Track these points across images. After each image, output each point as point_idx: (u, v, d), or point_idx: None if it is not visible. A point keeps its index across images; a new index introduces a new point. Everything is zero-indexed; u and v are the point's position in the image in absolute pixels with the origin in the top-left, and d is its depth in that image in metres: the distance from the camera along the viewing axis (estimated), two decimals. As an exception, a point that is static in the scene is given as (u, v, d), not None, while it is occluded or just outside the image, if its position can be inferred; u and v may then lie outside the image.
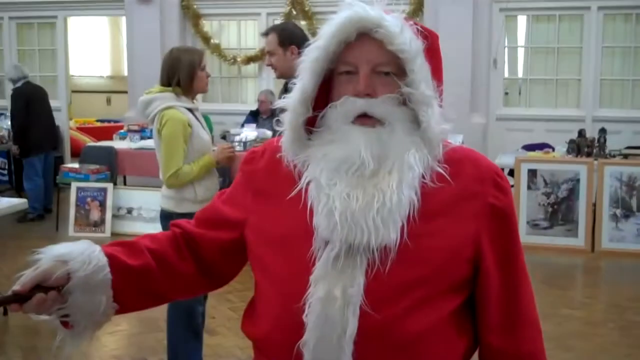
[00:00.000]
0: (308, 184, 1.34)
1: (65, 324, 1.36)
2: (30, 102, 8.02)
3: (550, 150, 7.32)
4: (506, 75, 9.02)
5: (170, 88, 3.53)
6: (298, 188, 1.35)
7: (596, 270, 6.36)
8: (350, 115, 1.34)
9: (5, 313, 4.83)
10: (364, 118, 1.34)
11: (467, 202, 1.34)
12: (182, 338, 3.58)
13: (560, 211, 6.76)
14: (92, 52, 15.37)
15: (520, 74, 9.14)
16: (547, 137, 8.04)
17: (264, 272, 1.39)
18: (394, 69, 1.34)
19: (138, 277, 1.42)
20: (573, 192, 6.72)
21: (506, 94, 9.09)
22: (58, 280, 1.31)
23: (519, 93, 9.16)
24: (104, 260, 1.36)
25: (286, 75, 3.78)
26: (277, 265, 1.36)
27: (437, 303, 1.30)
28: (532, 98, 8.94)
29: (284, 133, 1.41)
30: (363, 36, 1.34)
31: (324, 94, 1.40)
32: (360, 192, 1.28)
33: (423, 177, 1.31)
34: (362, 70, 1.34)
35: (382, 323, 1.25)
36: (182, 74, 3.52)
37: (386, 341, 1.26)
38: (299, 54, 1.43)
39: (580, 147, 6.98)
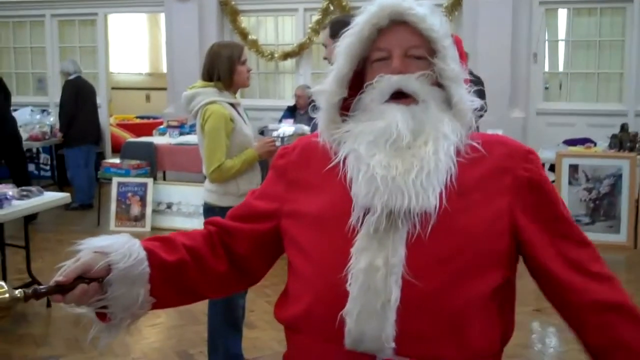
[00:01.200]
0: (345, 158, 1.38)
1: (102, 317, 1.38)
2: (80, 95, 8.34)
3: (592, 145, 7.22)
4: (546, 69, 8.92)
5: (212, 83, 3.55)
6: (336, 160, 1.39)
7: (639, 267, 6.26)
8: (385, 92, 1.39)
9: (48, 305, 4.93)
10: (398, 96, 1.39)
11: (499, 177, 1.37)
12: (222, 331, 3.60)
13: (602, 207, 6.66)
14: (131, 49, 15.54)
15: (560, 68, 9.02)
16: (589, 132, 7.92)
17: (302, 253, 1.41)
18: (425, 52, 1.41)
19: (174, 273, 1.44)
20: (615, 188, 6.62)
21: (546, 88, 8.98)
22: (99, 272, 1.33)
23: (560, 87, 9.04)
24: (143, 253, 1.39)
25: None
26: (316, 242, 1.38)
27: (478, 277, 1.31)
28: (573, 92, 8.82)
29: (319, 114, 1.46)
30: (395, 24, 1.41)
31: (360, 85, 1.45)
32: (399, 161, 1.32)
33: (458, 151, 1.36)
34: (396, 52, 1.41)
35: (425, 293, 1.27)
36: (221, 69, 3.54)
37: (429, 310, 1.27)
38: None
39: (623, 141, 6.87)
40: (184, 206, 7.50)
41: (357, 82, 1.45)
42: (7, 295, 1.24)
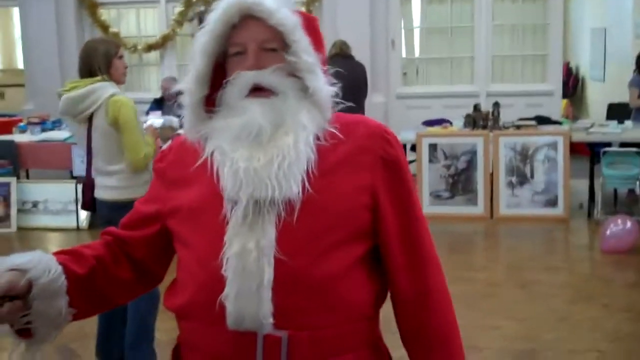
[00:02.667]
0: (212, 153, 1.44)
1: (23, 334, 1.41)
2: None
3: (449, 124, 7.62)
4: (404, 55, 9.32)
5: (99, 78, 3.51)
6: (203, 157, 1.45)
7: (495, 235, 6.74)
8: (244, 89, 1.45)
9: None
10: (257, 91, 1.45)
11: (360, 156, 1.47)
12: (151, 316, 3.67)
13: (460, 182, 7.09)
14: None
15: (417, 54, 9.46)
16: (445, 113, 8.36)
17: (185, 246, 1.49)
18: (279, 45, 1.46)
19: (87, 283, 1.49)
20: (471, 163, 7.06)
21: (404, 73, 9.38)
22: (21, 289, 1.36)
23: (417, 72, 9.48)
24: (59, 267, 1.43)
25: None
26: (195, 234, 1.46)
27: (345, 249, 1.42)
28: (429, 76, 9.28)
29: (184, 113, 1.51)
30: (246, 18, 1.46)
31: (221, 78, 1.50)
32: (261, 153, 1.39)
33: (318, 138, 1.44)
34: (250, 47, 1.46)
35: (296, 269, 1.37)
36: (100, 64, 3.52)
37: (301, 286, 1.37)
38: None
39: (476, 120, 7.30)
40: (50, 204, 7.30)
41: (220, 76, 1.50)
42: None
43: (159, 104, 8.38)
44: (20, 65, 13.71)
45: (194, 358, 1.48)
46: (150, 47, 9.35)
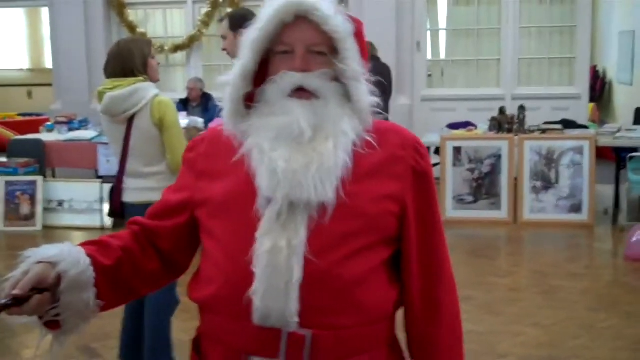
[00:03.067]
0: (250, 150, 1.46)
1: (52, 325, 1.43)
2: None
3: (473, 128, 7.59)
4: (429, 57, 9.29)
5: (141, 78, 3.49)
6: (241, 153, 1.47)
7: (519, 240, 6.67)
8: (287, 88, 1.47)
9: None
10: (300, 92, 1.47)
11: (392, 165, 1.50)
12: (168, 317, 3.64)
13: (484, 186, 7.05)
14: (9, 45, 14.95)
15: (442, 56, 9.42)
16: (470, 116, 8.33)
17: (213, 238, 1.50)
18: (327, 49, 1.48)
19: (114, 275, 1.51)
20: (495, 167, 7.02)
21: (429, 75, 9.36)
22: (51, 282, 1.39)
23: (442, 74, 9.45)
24: (88, 260, 1.45)
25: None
26: (225, 228, 1.48)
27: (371, 252, 1.45)
28: (454, 79, 9.24)
29: (224, 106, 1.53)
30: (299, 19, 1.47)
31: (263, 74, 1.52)
32: (300, 155, 1.41)
33: (354, 144, 1.46)
34: (298, 49, 1.47)
35: (323, 269, 1.39)
36: (138, 65, 3.50)
37: (328, 286, 1.40)
38: None
39: (501, 124, 7.26)
40: (76, 203, 7.37)
41: (260, 71, 1.52)
42: None
43: (184, 105, 8.44)
44: (48, 65, 13.90)
45: (216, 351, 1.50)
46: (176, 48, 9.42)
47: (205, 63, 9.50)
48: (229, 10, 8.93)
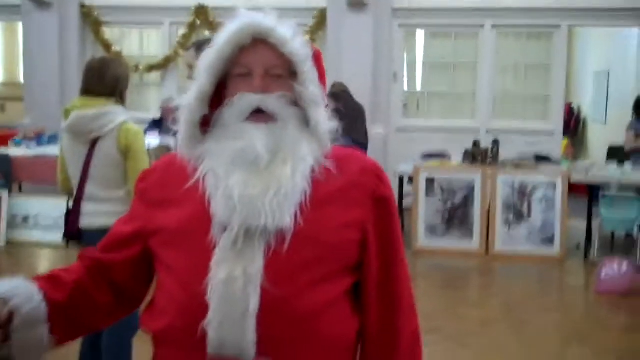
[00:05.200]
0: (205, 176, 1.41)
1: None
2: None
3: (447, 158, 7.59)
4: (406, 88, 9.31)
5: (112, 100, 3.40)
6: (195, 178, 1.41)
7: (490, 272, 6.64)
8: (245, 111, 1.42)
9: None
10: (257, 115, 1.42)
11: (352, 191, 1.45)
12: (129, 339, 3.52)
13: (456, 217, 7.02)
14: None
15: (419, 87, 9.46)
16: (445, 147, 8.33)
17: (167, 268, 1.44)
18: (286, 72, 1.44)
19: (67, 310, 1.45)
20: (468, 199, 7.00)
21: (405, 105, 9.38)
22: (3, 319, 1.33)
23: (417, 106, 9.48)
24: (40, 295, 1.40)
25: None
26: (179, 256, 1.41)
27: (331, 281, 1.39)
28: (430, 110, 9.27)
29: (179, 131, 1.47)
30: (257, 41, 1.43)
31: (220, 97, 1.47)
32: (257, 180, 1.36)
33: (313, 170, 1.42)
34: (257, 71, 1.43)
35: (282, 299, 1.33)
36: (123, 88, 3.43)
37: (286, 316, 1.34)
38: None
39: (475, 156, 7.28)
40: (42, 219, 7.23)
41: (217, 94, 1.48)
42: None
43: (157, 125, 8.34)
44: (21, 79, 13.72)
45: None
46: (151, 68, 9.35)
47: (181, 84, 9.43)
48: (207, 33, 8.93)
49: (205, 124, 1.46)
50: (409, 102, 9.48)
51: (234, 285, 1.31)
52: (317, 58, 1.49)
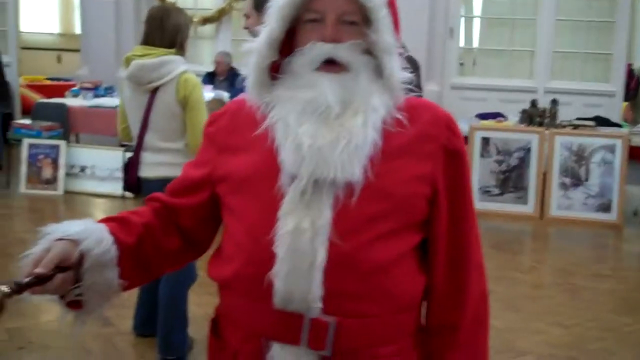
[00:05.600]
0: (274, 124, 1.38)
1: (74, 305, 1.37)
2: None
3: (503, 119, 7.46)
4: (462, 44, 9.13)
5: (173, 50, 3.40)
6: (264, 126, 1.39)
7: (544, 237, 6.55)
8: (316, 60, 1.38)
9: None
10: (329, 65, 1.38)
11: (423, 143, 1.41)
12: (184, 295, 3.59)
13: (511, 179, 6.92)
14: (41, 8, 14.96)
15: (475, 44, 9.26)
16: (500, 107, 8.19)
17: (234, 216, 1.43)
18: (359, 19, 1.39)
19: (136, 253, 1.44)
20: (524, 161, 6.88)
21: (461, 64, 9.21)
22: (74, 261, 1.32)
23: (474, 63, 9.29)
24: (111, 238, 1.38)
25: None
26: (246, 205, 1.40)
27: (399, 237, 1.37)
28: (486, 68, 9.08)
29: (248, 76, 1.44)
30: None
31: (289, 43, 1.44)
32: (327, 131, 1.33)
33: (384, 121, 1.38)
34: (329, 18, 1.38)
35: (349, 252, 1.31)
36: (183, 37, 3.42)
37: (353, 269, 1.32)
38: None
39: (532, 117, 7.13)
40: (97, 170, 7.36)
41: (287, 40, 1.44)
42: None
43: (210, 78, 8.38)
44: (78, 30, 13.88)
45: (234, 333, 1.43)
46: (205, 20, 9.33)
47: (234, 37, 9.41)
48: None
49: (275, 70, 1.44)
50: (465, 59, 9.30)
51: (301, 237, 1.30)
52: (391, 4, 1.43)
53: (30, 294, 1.26)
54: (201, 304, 4.20)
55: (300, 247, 1.30)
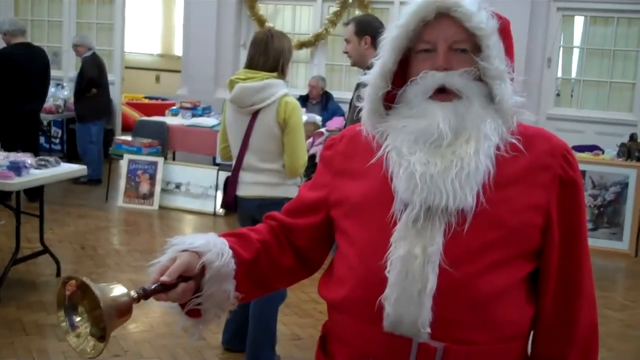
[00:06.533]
0: (388, 152, 1.42)
1: (193, 313, 1.44)
2: (101, 71, 8.43)
3: (600, 152, 7.26)
4: (559, 75, 8.96)
5: (275, 74, 3.50)
6: (379, 155, 1.44)
7: (638, 275, 6.33)
8: (429, 88, 1.42)
9: (58, 274, 5.00)
10: (441, 94, 1.42)
11: (538, 172, 1.41)
12: (273, 315, 3.67)
13: (606, 214, 6.72)
14: (144, 30, 15.57)
15: (573, 75, 9.07)
16: (598, 140, 7.96)
17: (347, 239, 1.47)
18: (470, 47, 1.42)
19: (252, 268, 1.51)
20: (620, 196, 6.68)
21: (558, 94, 9.02)
22: (196, 272, 1.40)
23: (571, 94, 9.09)
24: (230, 252, 1.45)
25: (358, 64, 4.02)
26: (360, 229, 1.44)
27: (511, 266, 1.37)
28: (584, 100, 8.87)
29: (364, 106, 1.50)
30: (441, 16, 1.42)
31: (402, 73, 1.48)
32: (439, 159, 1.36)
33: (498, 148, 1.39)
34: (441, 47, 1.42)
35: (459, 280, 1.33)
36: (285, 61, 3.52)
37: (463, 298, 1.33)
38: (372, 44, 1.51)
39: (631, 151, 6.92)
40: (192, 187, 7.57)
41: (400, 70, 1.48)
42: (127, 298, 1.28)
43: (303, 102, 8.52)
44: (177, 52, 14.37)
45: (342, 352, 1.47)
46: (302, 45, 9.50)
47: (329, 62, 9.54)
48: (357, 13, 8.97)
49: (389, 100, 1.48)
50: (562, 90, 9.11)
51: (413, 263, 1.33)
52: (504, 29, 1.45)
53: (155, 299, 1.35)
54: (288, 323, 4.26)
55: (411, 272, 1.33)
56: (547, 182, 1.41)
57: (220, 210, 7.35)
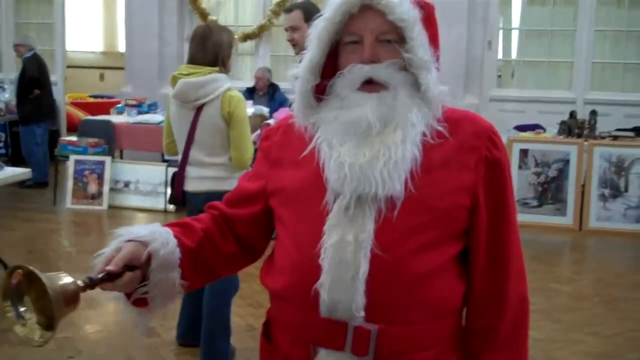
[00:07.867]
0: (319, 144, 1.47)
1: (140, 302, 1.48)
2: (42, 71, 8.29)
3: (542, 131, 7.44)
4: (500, 56, 9.13)
5: (217, 68, 3.49)
6: (311, 146, 1.49)
7: (583, 248, 6.52)
8: (356, 81, 1.46)
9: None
10: (369, 85, 1.47)
11: (465, 154, 1.46)
12: (227, 304, 3.67)
13: (549, 190, 6.91)
14: (85, 27, 15.32)
15: (513, 56, 9.25)
16: (539, 119, 8.15)
17: (284, 227, 1.52)
18: (395, 37, 1.47)
19: (197, 256, 1.55)
20: (563, 172, 6.87)
21: (499, 76, 9.20)
22: (142, 261, 1.43)
23: (512, 75, 9.28)
24: (175, 241, 1.49)
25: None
26: (295, 218, 1.50)
27: (440, 247, 1.43)
28: (524, 80, 9.06)
29: (295, 98, 1.54)
30: (366, 8, 1.46)
31: (332, 64, 1.53)
32: (368, 149, 1.41)
33: (424, 134, 1.44)
34: (367, 39, 1.47)
35: (391, 264, 1.38)
36: (225, 55, 3.51)
37: (395, 280, 1.39)
38: None
39: (571, 128, 7.10)
40: (141, 185, 7.53)
41: (329, 63, 1.52)
42: (74, 286, 1.29)
43: (250, 94, 8.51)
44: (120, 48, 14.18)
45: (284, 337, 1.52)
46: (246, 37, 9.49)
47: (274, 53, 9.55)
48: (298, 1, 8.97)
49: (321, 91, 1.52)
50: (503, 71, 9.29)
51: (345, 250, 1.38)
52: (428, 17, 1.48)
53: (101, 289, 1.37)
54: (242, 314, 4.30)
55: (344, 259, 1.38)
56: (473, 163, 1.46)
57: (170, 207, 7.31)
